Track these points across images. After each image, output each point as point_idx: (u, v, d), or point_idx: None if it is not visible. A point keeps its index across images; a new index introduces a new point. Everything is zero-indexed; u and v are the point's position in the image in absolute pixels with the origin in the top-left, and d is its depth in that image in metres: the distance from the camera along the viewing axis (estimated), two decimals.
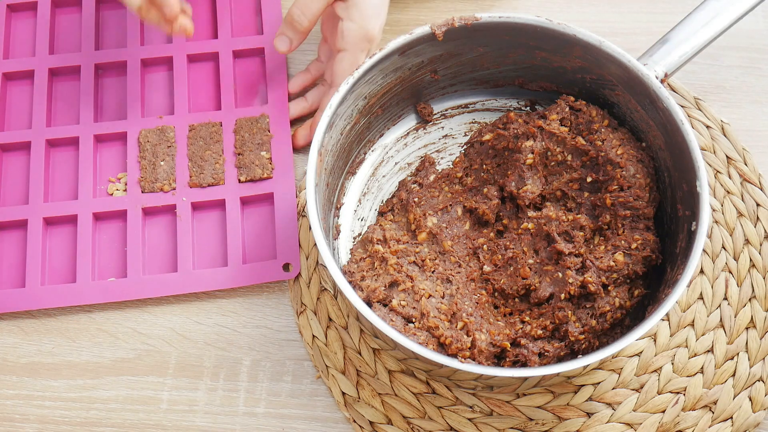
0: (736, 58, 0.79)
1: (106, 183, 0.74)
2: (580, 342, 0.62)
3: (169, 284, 0.69)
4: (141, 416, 0.66)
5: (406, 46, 0.65)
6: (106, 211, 0.72)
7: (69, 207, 0.72)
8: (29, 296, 0.68)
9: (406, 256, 0.64)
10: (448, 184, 0.69)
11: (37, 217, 0.71)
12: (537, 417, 0.65)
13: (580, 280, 0.62)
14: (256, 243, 0.71)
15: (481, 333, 0.61)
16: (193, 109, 0.77)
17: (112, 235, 0.72)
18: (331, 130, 0.63)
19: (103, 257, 0.71)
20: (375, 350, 0.67)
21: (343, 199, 0.71)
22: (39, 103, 0.76)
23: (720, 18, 0.67)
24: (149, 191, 0.72)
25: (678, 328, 0.67)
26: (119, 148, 0.75)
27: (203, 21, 0.81)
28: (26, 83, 0.78)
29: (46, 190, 0.73)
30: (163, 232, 0.72)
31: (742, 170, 0.73)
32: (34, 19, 0.81)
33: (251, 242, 0.71)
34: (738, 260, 0.69)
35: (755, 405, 0.65)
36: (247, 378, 0.67)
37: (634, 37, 0.79)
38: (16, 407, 0.66)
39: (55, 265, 0.71)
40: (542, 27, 0.65)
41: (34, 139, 0.74)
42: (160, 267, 0.70)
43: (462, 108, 0.75)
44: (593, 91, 0.68)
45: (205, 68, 0.79)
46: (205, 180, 0.72)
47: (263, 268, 0.69)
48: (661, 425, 0.64)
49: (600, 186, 0.65)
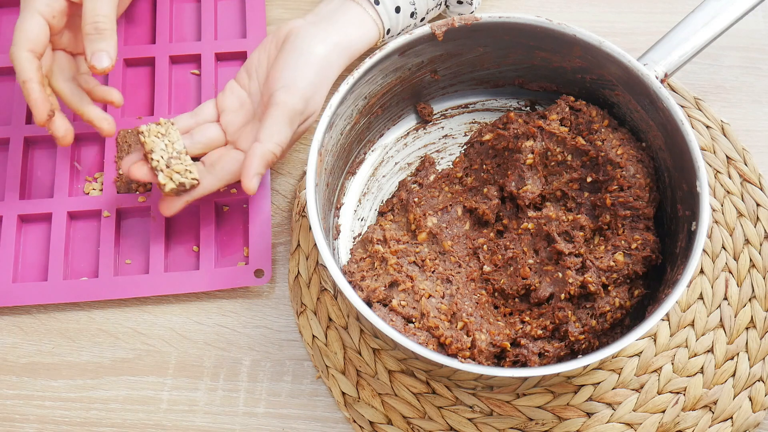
0: (736, 58, 0.79)
1: (83, 182, 0.74)
2: (580, 342, 0.62)
3: (140, 286, 0.69)
4: (141, 416, 0.66)
5: (406, 46, 0.65)
6: (80, 210, 0.72)
7: (44, 205, 0.72)
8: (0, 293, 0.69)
9: (406, 256, 0.64)
10: (448, 184, 0.69)
11: (11, 215, 0.71)
12: (537, 417, 0.65)
13: (580, 280, 0.62)
14: (229, 247, 0.71)
15: (481, 333, 0.61)
16: (172, 111, 0.77)
17: (87, 234, 0.72)
18: (331, 130, 0.63)
19: (76, 256, 0.71)
20: (375, 350, 0.67)
21: (343, 199, 0.71)
22: (19, 100, 0.75)
23: (720, 18, 0.67)
24: (125, 192, 0.72)
25: (678, 328, 0.67)
26: (98, 147, 0.75)
27: (186, 23, 0.81)
28: (6, 80, 0.78)
29: (22, 188, 0.73)
30: (137, 233, 0.72)
31: (742, 170, 0.73)
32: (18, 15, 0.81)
33: (224, 247, 0.71)
34: (738, 260, 0.69)
35: (755, 405, 0.65)
36: (247, 378, 0.67)
37: (634, 37, 0.79)
38: (16, 407, 0.66)
39: (27, 262, 0.71)
40: (542, 27, 0.65)
41: (12, 135, 0.74)
42: (132, 268, 0.70)
43: (462, 108, 0.75)
44: (593, 91, 0.68)
45: (186, 70, 0.79)
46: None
47: (235, 273, 0.69)
48: (661, 425, 0.64)
49: (600, 186, 0.65)
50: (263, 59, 0.69)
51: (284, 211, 0.73)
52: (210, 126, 0.68)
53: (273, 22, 0.81)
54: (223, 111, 0.69)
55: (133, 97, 0.77)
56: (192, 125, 0.68)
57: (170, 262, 0.71)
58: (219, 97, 0.70)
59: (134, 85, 0.78)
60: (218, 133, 0.68)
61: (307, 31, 0.67)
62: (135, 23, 0.81)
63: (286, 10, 0.82)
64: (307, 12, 0.70)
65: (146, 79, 0.78)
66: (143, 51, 0.78)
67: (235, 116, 0.68)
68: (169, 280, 0.69)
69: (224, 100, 0.69)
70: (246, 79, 0.69)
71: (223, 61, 0.79)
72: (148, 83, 0.78)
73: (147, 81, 0.78)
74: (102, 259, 0.70)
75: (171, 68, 0.78)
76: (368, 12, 0.69)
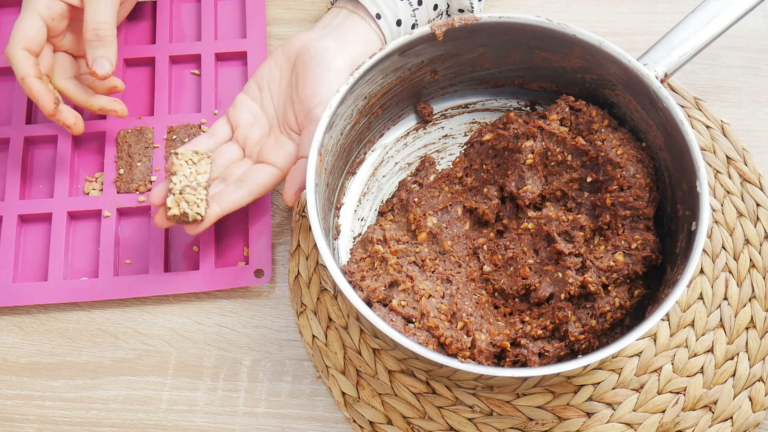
0: (736, 58, 0.79)
1: (83, 182, 0.74)
2: (580, 342, 0.62)
3: (140, 286, 0.69)
4: (141, 416, 0.66)
5: (406, 46, 0.65)
6: (80, 210, 0.72)
7: (44, 205, 0.72)
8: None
9: (406, 256, 0.64)
10: (448, 184, 0.69)
11: (11, 215, 0.71)
12: (537, 417, 0.65)
13: (580, 280, 0.62)
14: (229, 247, 0.71)
15: (481, 333, 0.61)
16: (172, 111, 0.77)
17: (87, 234, 0.72)
18: (331, 130, 0.63)
19: (76, 256, 0.71)
20: (375, 350, 0.67)
21: (343, 199, 0.71)
22: (19, 100, 0.76)
23: (720, 18, 0.67)
24: (125, 192, 0.72)
25: (678, 328, 0.67)
26: (98, 147, 0.75)
27: (186, 23, 0.81)
28: (6, 80, 0.78)
29: (22, 188, 0.73)
30: (137, 233, 0.72)
31: (742, 170, 0.73)
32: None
33: (224, 247, 0.71)
34: (738, 260, 0.69)
35: (755, 405, 0.65)
36: (247, 378, 0.67)
37: (634, 37, 0.79)
38: (16, 407, 0.66)
39: (27, 262, 0.71)
40: (542, 27, 0.65)
41: (12, 135, 0.74)
42: (132, 268, 0.70)
43: (462, 108, 0.75)
44: (593, 91, 0.68)
45: (186, 70, 0.79)
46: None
47: (235, 273, 0.69)
48: (661, 425, 0.64)
49: (600, 186, 0.65)
50: (275, 73, 0.70)
51: (284, 211, 0.73)
52: (228, 147, 0.69)
53: (273, 22, 0.81)
54: (237, 126, 0.69)
55: (133, 97, 0.77)
56: (212, 146, 0.69)
57: (170, 262, 0.71)
58: (230, 112, 0.70)
59: (134, 85, 0.78)
60: (237, 153, 0.69)
61: (323, 45, 0.68)
62: (135, 23, 0.81)
63: (286, 10, 0.82)
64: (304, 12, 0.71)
65: (146, 79, 0.78)
66: (143, 51, 0.78)
67: (251, 130, 0.69)
68: (169, 280, 0.69)
69: (236, 114, 0.70)
70: (256, 91, 0.70)
71: (223, 61, 0.79)
72: (148, 83, 0.78)
73: (147, 81, 0.78)
74: (102, 259, 0.70)
75: (171, 68, 0.78)
76: (371, 26, 0.70)
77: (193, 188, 0.64)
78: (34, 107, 0.77)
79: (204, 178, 0.65)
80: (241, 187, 0.66)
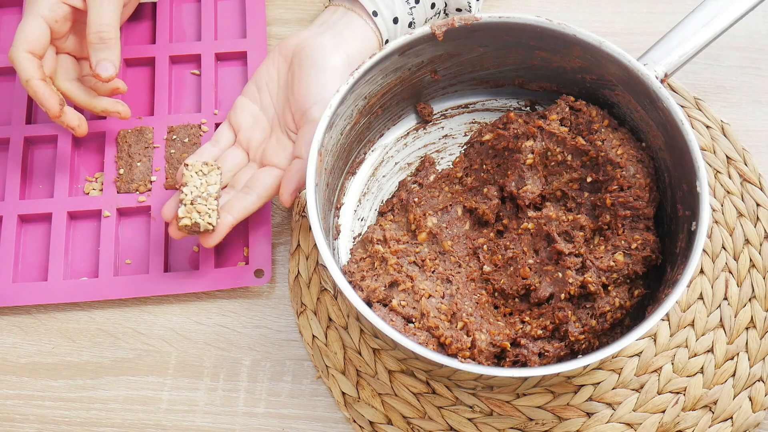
0: (736, 58, 0.79)
1: (83, 182, 0.74)
2: (580, 342, 0.62)
3: (140, 286, 0.69)
4: (141, 416, 0.66)
5: (406, 46, 0.65)
6: (80, 210, 0.72)
7: (44, 205, 0.72)
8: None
9: (406, 256, 0.64)
10: (448, 184, 0.69)
11: (11, 215, 0.71)
12: (537, 417, 0.65)
13: (580, 280, 0.62)
14: (229, 247, 0.71)
15: (481, 333, 0.61)
16: (172, 111, 0.77)
17: (87, 234, 0.72)
18: (331, 130, 0.63)
19: (76, 256, 0.71)
20: (375, 350, 0.67)
21: (343, 199, 0.71)
22: (19, 100, 0.76)
23: (720, 18, 0.67)
24: (125, 192, 0.72)
25: (678, 328, 0.67)
26: (98, 146, 0.75)
27: (186, 23, 0.81)
28: (5, 80, 0.78)
29: (22, 188, 0.73)
30: (137, 233, 0.72)
31: (742, 170, 0.73)
32: (19, 15, 0.81)
33: (224, 247, 0.71)
34: (738, 260, 0.69)
35: (755, 405, 0.65)
36: (247, 378, 0.67)
37: (634, 37, 0.79)
38: (16, 407, 0.66)
39: (27, 262, 0.71)
40: (542, 27, 0.65)
41: (12, 135, 0.74)
42: (132, 268, 0.70)
43: (462, 108, 0.75)
44: (593, 91, 0.68)
45: (186, 70, 0.79)
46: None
47: (235, 273, 0.69)
48: (661, 425, 0.64)
49: (600, 186, 0.65)
50: (273, 73, 0.70)
51: (284, 211, 0.73)
52: (232, 151, 0.69)
53: (273, 22, 0.82)
54: (239, 129, 0.70)
55: (133, 97, 0.77)
56: (218, 153, 0.69)
57: (170, 262, 0.71)
58: (231, 115, 0.70)
59: (134, 85, 0.78)
60: (242, 157, 0.69)
61: (319, 43, 0.68)
62: (135, 23, 0.81)
63: (286, 10, 0.82)
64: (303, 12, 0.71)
65: (146, 79, 0.78)
66: (143, 51, 0.78)
67: (253, 132, 0.69)
68: (169, 280, 0.69)
69: (237, 118, 0.70)
70: (256, 92, 0.70)
71: (223, 61, 0.79)
72: (148, 83, 0.78)
73: (147, 81, 0.78)
74: (102, 259, 0.70)
75: (171, 68, 0.78)
76: (368, 23, 0.70)
77: (204, 198, 0.64)
78: (34, 107, 0.77)
79: (214, 188, 0.65)
80: (249, 193, 0.67)
